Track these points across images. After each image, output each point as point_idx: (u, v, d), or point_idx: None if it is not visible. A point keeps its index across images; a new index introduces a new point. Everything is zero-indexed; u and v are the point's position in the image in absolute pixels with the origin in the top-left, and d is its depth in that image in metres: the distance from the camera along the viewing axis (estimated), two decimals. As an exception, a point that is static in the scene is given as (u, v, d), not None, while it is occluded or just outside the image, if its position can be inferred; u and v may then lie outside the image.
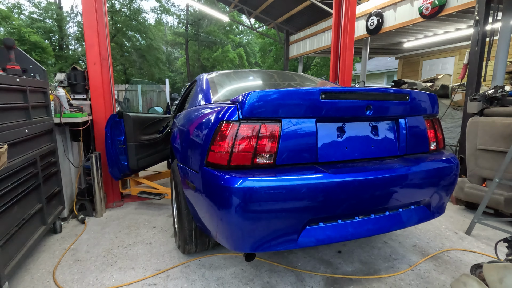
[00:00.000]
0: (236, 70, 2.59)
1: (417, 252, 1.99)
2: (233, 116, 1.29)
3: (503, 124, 2.46)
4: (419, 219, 1.58)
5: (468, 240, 2.16)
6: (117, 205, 2.98)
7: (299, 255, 1.95)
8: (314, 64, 19.97)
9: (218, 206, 1.26)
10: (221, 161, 1.30)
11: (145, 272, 1.78)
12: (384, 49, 9.12)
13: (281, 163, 1.33)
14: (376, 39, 7.32)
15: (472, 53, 3.15)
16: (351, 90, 1.42)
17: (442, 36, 6.79)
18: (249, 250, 1.31)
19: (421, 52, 8.91)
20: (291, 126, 1.33)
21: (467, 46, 7.45)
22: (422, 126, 1.66)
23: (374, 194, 1.36)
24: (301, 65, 10.87)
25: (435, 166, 1.54)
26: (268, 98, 1.28)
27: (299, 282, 1.67)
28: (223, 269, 1.81)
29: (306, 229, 1.34)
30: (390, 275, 1.72)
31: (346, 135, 1.47)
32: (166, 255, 1.98)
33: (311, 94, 1.33)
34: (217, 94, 1.99)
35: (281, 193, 1.21)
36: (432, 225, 2.41)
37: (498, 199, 2.39)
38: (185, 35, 23.52)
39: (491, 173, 2.57)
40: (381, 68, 16.10)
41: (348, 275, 1.73)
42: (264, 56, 21.22)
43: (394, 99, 1.51)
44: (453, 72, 8.07)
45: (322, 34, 8.60)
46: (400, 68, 10.02)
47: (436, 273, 1.75)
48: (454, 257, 1.92)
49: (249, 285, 1.65)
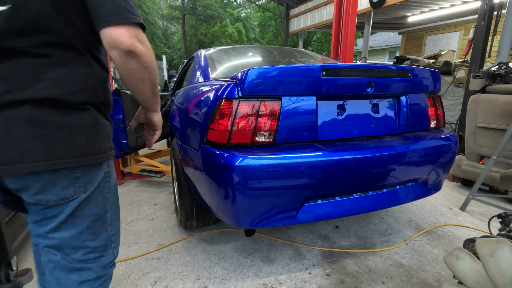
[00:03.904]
0: (235, 46, 2.52)
1: (412, 227, 2.05)
2: (233, 93, 1.27)
3: (504, 102, 2.44)
4: (416, 195, 1.61)
5: (463, 216, 2.22)
6: (119, 183, 3.02)
7: (297, 230, 2.01)
8: (314, 40, 19.45)
9: (218, 184, 1.28)
10: (221, 140, 1.30)
11: (148, 247, 1.84)
12: (388, 23, 8.82)
13: (281, 141, 1.33)
14: (380, 13, 7.06)
15: (478, 28, 3.06)
16: (353, 67, 1.39)
17: (448, 9, 6.54)
18: (249, 226, 1.35)
19: (425, 26, 8.64)
20: (291, 104, 1.32)
21: (473, 21, 7.22)
22: (423, 104, 1.64)
23: (373, 172, 1.38)
24: (302, 41, 10.57)
25: (434, 144, 1.54)
26: (267, 75, 1.26)
27: (297, 256, 1.73)
28: (224, 243, 1.87)
29: (305, 205, 1.36)
30: (385, 249, 1.79)
31: (346, 113, 1.46)
32: (168, 231, 2.04)
33: (311, 71, 1.30)
34: (215, 71, 1.95)
35: (280, 171, 1.22)
36: (428, 202, 2.46)
37: (494, 176, 2.43)
38: (181, 9, 22.65)
39: (489, 151, 2.58)
40: (383, 44, 15.69)
41: (344, 249, 1.79)
42: (264, 31, 20.59)
43: (396, 76, 1.49)
44: (457, 48, 7.89)
45: (324, 7, 8.28)
46: (403, 44, 9.76)
47: (429, 247, 1.81)
48: (447, 232, 1.98)
49: (249, 258, 1.72)
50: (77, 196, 0.76)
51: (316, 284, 1.49)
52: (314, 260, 1.70)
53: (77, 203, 0.76)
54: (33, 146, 0.67)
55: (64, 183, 0.73)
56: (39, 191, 0.71)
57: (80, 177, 0.75)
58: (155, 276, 1.57)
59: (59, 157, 0.70)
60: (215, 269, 1.62)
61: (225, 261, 1.69)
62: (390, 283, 1.50)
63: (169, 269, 1.63)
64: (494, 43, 3.26)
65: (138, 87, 0.80)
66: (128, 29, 0.70)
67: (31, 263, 1.70)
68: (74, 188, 0.75)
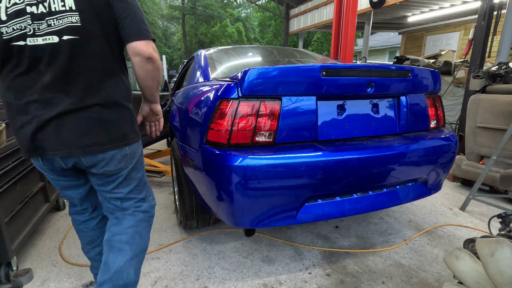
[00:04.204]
0: (235, 46, 2.52)
1: (412, 227, 2.05)
2: (232, 93, 1.27)
3: (504, 102, 2.44)
4: (416, 195, 1.61)
5: (463, 216, 2.22)
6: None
7: (297, 230, 2.01)
8: (315, 40, 19.44)
9: (218, 184, 1.28)
10: (221, 140, 1.30)
11: (149, 247, 1.84)
12: (388, 23, 8.81)
13: (281, 141, 1.33)
14: (380, 13, 7.05)
15: (478, 28, 3.06)
16: (353, 67, 1.39)
17: (448, 9, 6.54)
18: (249, 226, 1.35)
19: (425, 26, 8.64)
20: (291, 104, 1.32)
21: (473, 21, 7.22)
22: (423, 104, 1.64)
23: (373, 172, 1.38)
24: (302, 41, 10.56)
25: (434, 144, 1.54)
26: (267, 75, 1.26)
27: (297, 256, 1.73)
28: (224, 243, 1.87)
29: (305, 205, 1.37)
30: (385, 249, 1.79)
31: (346, 113, 1.46)
32: (168, 231, 2.04)
33: (311, 71, 1.30)
34: (215, 71, 1.95)
35: (280, 171, 1.22)
36: (428, 202, 2.46)
37: (494, 176, 2.43)
38: (181, 9, 22.65)
39: (489, 151, 2.58)
40: (383, 44, 15.68)
41: (344, 249, 1.79)
42: (264, 31, 20.59)
43: (396, 76, 1.49)
44: (457, 48, 7.88)
45: (324, 7, 8.27)
46: (403, 44, 9.76)
47: (429, 247, 1.81)
48: (447, 232, 1.98)
49: (249, 258, 1.72)
50: (126, 166, 1.12)
51: (316, 284, 1.49)
52: (314, 260, 1.70)
53: (127, 171, 1.13)
54: (101, 135, 1.02)
55: (119, 159, 1.08)
56: (105, 165, 1.06)
57: (128, 154, 1.10)
58: (155, 276, 1.57)
59: (116, 141, 1.05)
60: (215, 269, 1.62)
61: (225, 261, 1.69)
62: (390, 283, 1.50)
63: (169, 269, 1.63)
64: (494, 43, 3.26)
65: (149, 84, 1.10)
66: (147, 42, 1.01)
67: (31, 263, 1.70)
68: (125, 161, 1.10)
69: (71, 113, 0.97)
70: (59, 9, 0.93)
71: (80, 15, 0.94)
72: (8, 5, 0.91)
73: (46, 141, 0.99)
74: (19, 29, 0.92)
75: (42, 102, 0.96)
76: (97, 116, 1.00)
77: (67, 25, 0.93)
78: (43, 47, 0.93)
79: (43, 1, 0.92)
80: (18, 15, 0.91)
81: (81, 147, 0.99)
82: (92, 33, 0.97)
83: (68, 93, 0.97)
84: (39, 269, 1.65)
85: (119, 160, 1.07)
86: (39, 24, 0.93)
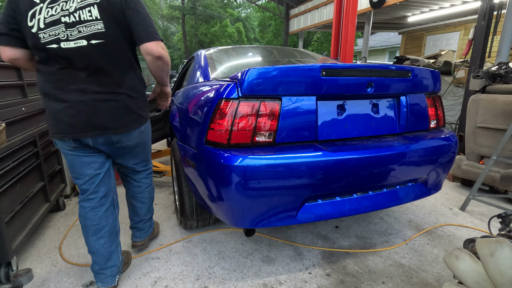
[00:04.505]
0: (235, 46, 2.52)
1: (412, 227, 2.05)
2: (232, 93, 1.27)
3: (504, 102, 2.44)
4: (416, 196, 1.61)
5: (463, 215, 2.22)
6: (119, 183, 3.02)
7: (297, 230, 2.01)
8: (314, 40, 19.44)
9: (218, 184, 1.28)
10: (221, 140, 1.30)
11: (148, 247, 1.84)
12: (388, 23, 8.81)
13: (281, 141, 1.33)
14: (380, 13, 7.05)
15: (478, 28, 3.06)
16: (353, 67, 1.39)
17: (448, 9, 6.54)
18: (249, 226, 1.35)
19: (425, 26, 8.64)
20: (291, 104, 1.32)
21: (473, 21, 7.22)
22: (423, 104, 1.64)
23: (373, 172, 1.38)
24: (302, 41, 10.56)
25: (434, 144, 1.54)
26: (267, 75, 1.26)
27: (297, 256, 1.73)
28: (224, 243, 1.87)
29: (305, 205, 1.36)
30: (385, 249, 1.79)
31: (346, 113, 1.46)
32: (168, 231, 2.04)
33: (311, 71, 1.30)
34: (215, 71, 1.95)
35: (280, 171, 1.22)
36: (428, 202, 2.46)
37: (494, 176, 2.43)
38: (181, 9, 22.64)
39: (489, 151, 2.58)
40: (383, 44, 15.69)
41: (344, 249, 1.79)
42: (264, 31, 20.59)
43: (396, 76, 1.49)
44: (457, 48, 7.88)
45: (324, 7, 8.28)
46: (403, 44, 9.76)
47: (429, 247, 1.81)
48: (447, 232, 1.98)
49: (249, 258, 1.72)
50: (141, 140, 1.47)
51: (316, 284, 1.49)
52: (314, 260, 1.70)
53: (143, 143, 1.50)
54: (127, 118, 1.32)
55: (137, 135, 1.41)
56: (127, 141, 1.38)
57: (143, 131, 1.44)
58: (155, 276, 1.57)
59: (136, 122, 1.37)
60: (215, 269, 1.62)
61: (225, 261, 1.69)
62: (390, 283, 1.50)
63: (169, 269, 1.63)
64: (494, 43, 3.26)
65: (160, 75, 1.38)
66: (156, 43, 1.23)
67: (31, 263, 1.70)
68: (141, 137, 1.44)
69: (104, 101, 1.25)
70: (87, 18, 1.16)
71: (104, 23, 1.17)
72: (46, 16, 1.15)
73: (84, 123, 1.24)
74: (54, 35, 1.16)
75: (79, 91, 1.21)
76: (123, 103, 1.30)
77: (94, 31, 1.17)
78: (75, 49, 1.17)
79: (74, 12, 1.15)
80: (54, 24, 1.15)
81: (112, 128, 1.29)
82: (114, 37, 1.20)
83: (99, 84, 1.23)
84: (39, 269, 1.65)
85: (136, 136, 1.41)
86: (71, 31, 1.16)
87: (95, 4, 1.16)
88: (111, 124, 1.27)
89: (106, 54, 1.21)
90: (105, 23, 1.17)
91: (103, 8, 1.16)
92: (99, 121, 1.25)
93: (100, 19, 1.16)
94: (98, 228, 1.39)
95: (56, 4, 1.15)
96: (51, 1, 1.15)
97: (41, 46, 1.16)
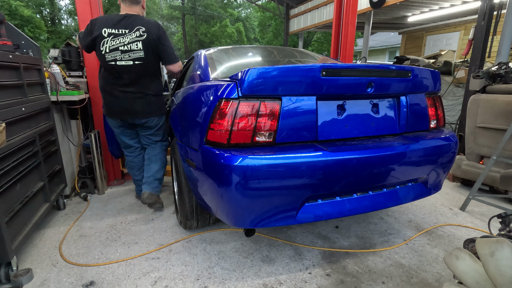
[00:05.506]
0: (235, 46, 2.52)
1: (412, 227, 2.05)
2: (232, 93, 1.27)
3: (504, 102, 2.44)
4: (416, 195, 1.61)
5: (463, 216, 2.22)
6: (119, 182, 3.02)
7: (297, 230, 2.01)
8: (315, 40, 19.44)
9: (218, 184, 1.28)
10: (221, 140, 1.30)
11: (148, 247, 1.84)
12: (388, 23, 8.82)
13: (281, 141, 1.33)
14: (380, 13, 7.06)
15: (478, 28, 3.05)
16: (353, 67, 1.39)
17: (448, 9, 6.54)
18: (249, 226, 1.35)
19: (425, 27, 8.64)
20: (291, 104, 1.32)
21: (473, 21, 7.21)
22: (423, 104, 1.64)
23: (373, 172, 1.38)
24: (302, 41, 10.56)
25: (434, 144, 1.54)
26: (267, 75, 1.26)
27: (297, 256, 1.73)
28: (224, 243, 1.87)
29: (305, 205, 1.36)
30: (385, 249, 1.79)
31: (346, 113, 1.46)
32: (168, 231, 2.04)
33: (311, 71, 1.30)
34: (215, 71, 1.94)
35: (280, 171, 1.22)
36: (428, 202, 2.46)
37: (494, 176, 2.43)
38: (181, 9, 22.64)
39: (489, 151, 2.58)
40: (383, 44, 15.68)
41: (344, 249, 1.79)
42: (264, 31, 20.58)
43: (396, 76, 1.49)
44: (457, 48, 7.88)
45: (324, 7, 8.28)
46: (403, 44, 9.76)
47: (429, 247, 1.81)
48: (447, 232, 1.98)
49: (249, 258, 1.72)
50: (159, 124, 2.21)
51: (316, 284, 1.49)
52: (314, 260, 1.70)
53: (161, 126, 2.24)
54: (151, 109, 2.11)
55: (156, 120, 2.17)
56: (150, 123, 2.15)
57: (160, 117, 2.20)
58: (155, 276, 1.57)
59: (156, 113, 2.15)
60: (215, 269, 1.62)
61: (225, 261, 1.69)
62: (390, 283, 1.50)
63: (169, 269, 1.63)
64: (494, 43, 3.26)
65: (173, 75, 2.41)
66: (175, 64, 2.12)
67: (31, 263, 1.70)
68: (159, 121, 2.20)
69: (138, 98, 2.04)
70: (134, 48, 1.94)
71: (144, 51, 1.96)
72: (110, 45, 1.92)
73: (126, 110, 2.06)
74: (113, 57, 1.93)
75: (123, 91, 2.02)
76: (149, 100, 2.08)
77: (137, 56, 1.96)
78: (125, 66, 1.96)
79: (127, 44, 1.93)
80: (114, 50, 1.93)
81: (143, 114, 2.08)
82: (149, 59, 1.99)
83: (136, 87, 2.03)
84: (39, 269, 1.65)
85: (156, 121, 2.17)
86: (124, 55, 1.94)
87: (140, 41, 1.94)
88: (141, 112, 2.07)
89: (142, 69, 1.99)
90: (145, 52, 1.95)
91: (144, 43, 1.94)
92: (134, 110, 2.05)
93: (142, 49, 1.95)
94: (140, 166, 2.36)
95: (116, 38, 1.92)
96: (114, 37, 1.92)
97: (106, 62, 1.95)
